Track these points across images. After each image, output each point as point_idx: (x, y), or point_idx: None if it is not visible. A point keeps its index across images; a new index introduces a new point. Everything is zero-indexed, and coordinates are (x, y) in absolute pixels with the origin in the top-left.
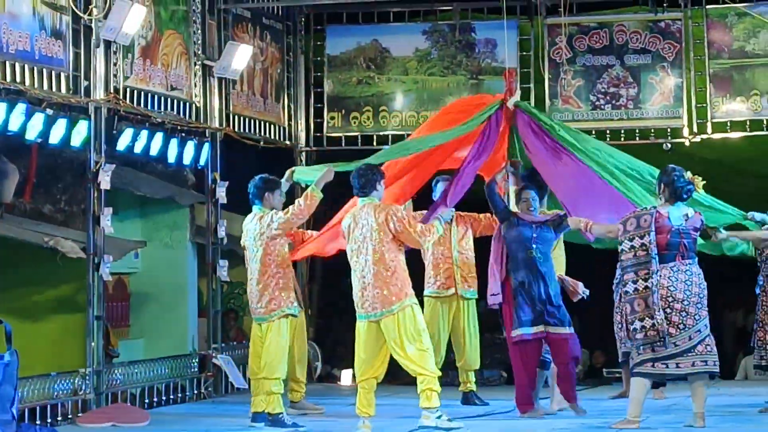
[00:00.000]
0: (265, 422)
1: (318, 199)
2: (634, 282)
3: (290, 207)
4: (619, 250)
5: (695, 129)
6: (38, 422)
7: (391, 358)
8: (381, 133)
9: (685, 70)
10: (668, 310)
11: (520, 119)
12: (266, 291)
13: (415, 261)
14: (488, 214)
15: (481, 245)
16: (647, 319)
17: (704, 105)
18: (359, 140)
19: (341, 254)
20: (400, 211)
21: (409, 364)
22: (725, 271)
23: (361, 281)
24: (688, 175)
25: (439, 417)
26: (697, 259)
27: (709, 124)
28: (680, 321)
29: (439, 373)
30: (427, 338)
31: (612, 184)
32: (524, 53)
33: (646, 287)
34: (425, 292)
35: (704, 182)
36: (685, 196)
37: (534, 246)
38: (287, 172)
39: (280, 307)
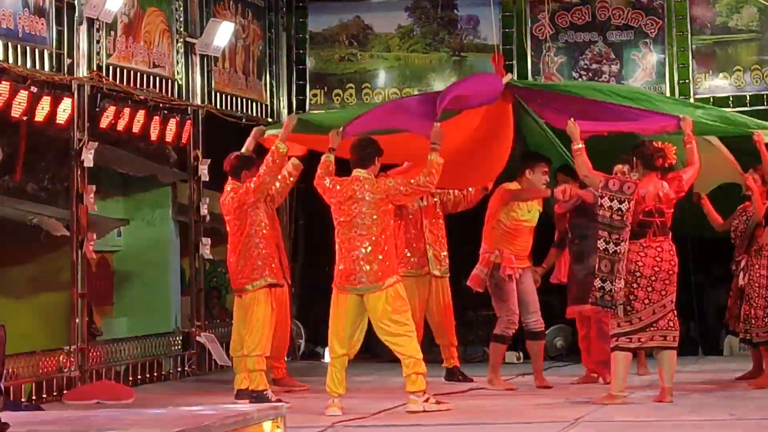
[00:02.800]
0: (250, 399)
1: (283, 152)
2: (606, 242)
3: (261, 168)
4: (598, 204)
5: None
6: (23, 399)
7: (371, 335)
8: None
9: (667, 46)
10: (634, 285)
11: (518, 93)
12: (248, 261)
13: None
14: (456, 192)
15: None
16: (608, 282)
17: (687, 81)
18: None
19: (322, 233)
20: (394, 179)
21: (394, 345)
22: (708, 249)
23: (351, 254)
24: (659, 143)
25: (426, 400)
26: (670, 234)
27: (692, 100)
28: (646, 296)
29: (421, 355)
30: (411, 319)
31: (635, 105)
32: (506, 30)
33: (615, 252)
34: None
35: (675, 148)
36: (656, 165)
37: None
38: (254, 130)
39: (262, 277)
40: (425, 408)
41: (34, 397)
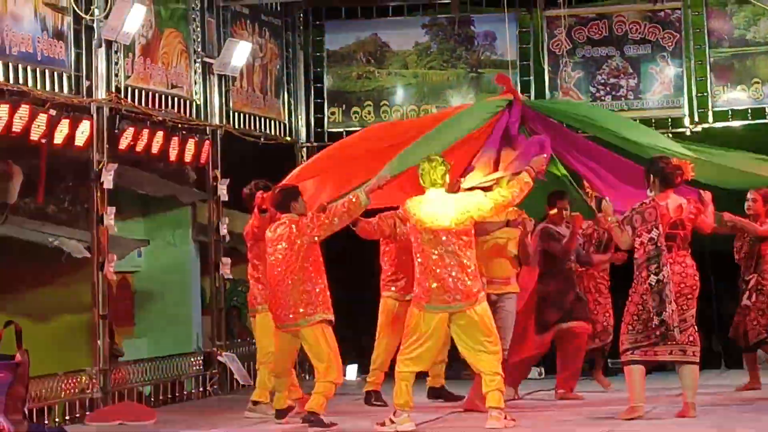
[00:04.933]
0: (308, 421)
1: (365, 205)
2: (647, 278)
3: (333, 212)
4: (636, 245)
5: (696, 118)
6: (46, 422)
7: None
8: None
9: (685, 60)
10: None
11: (529, 116)
12: (304, 296)
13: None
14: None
15: None
16: (663, 313)
17: (705, 94)
18: None
19: (340, 248)
20: (478, 193)
21: (481, 362)
22: (730, 263)
23: (443, 271)
24: (677, 160)
25: (505, 417)
26: (690, 249)
27: (710, 113)
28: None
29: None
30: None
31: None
32: (524, 46)
33: (659, 281)
34: (386, 293)
35: (693, 165)
36: (675, 183)
37: None
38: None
39: (316, 312)
40: (506, 425)
41: (57, 420)
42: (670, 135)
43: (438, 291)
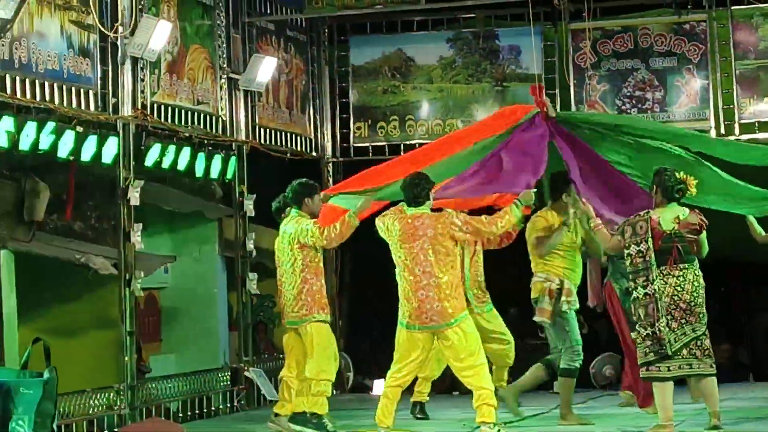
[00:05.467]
0: (308, 424)
1: (354, 227)
2: (634, 290)
3: (327, 228)
4: (625, 256)
5: (722, 131)
6: None
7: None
8: (408, 142)
9: (710, 72)
10: (659, 313)
11: (558, 132)
12: (300, 296)
13: None
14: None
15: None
16: (648, 327)
17: (731, 106)
18: (386, 150)
19: (369, 267)
20: (459, 214)
21: (469, 377)
22: (757, 271)
23: (419, 293)
24: (681, 174)
25: (499, 431)
26: (696, 262)
27: (736, 126)
28: (666, 324)
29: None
30: (483, 351)
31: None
32: (549, 59)
33: (647, 294)
34: None
35: (697, 182)
36: (677, 196)
37: None
38: (365, 200)
39: (311, 313)
40: None
41: None
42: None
43: (417, 311)
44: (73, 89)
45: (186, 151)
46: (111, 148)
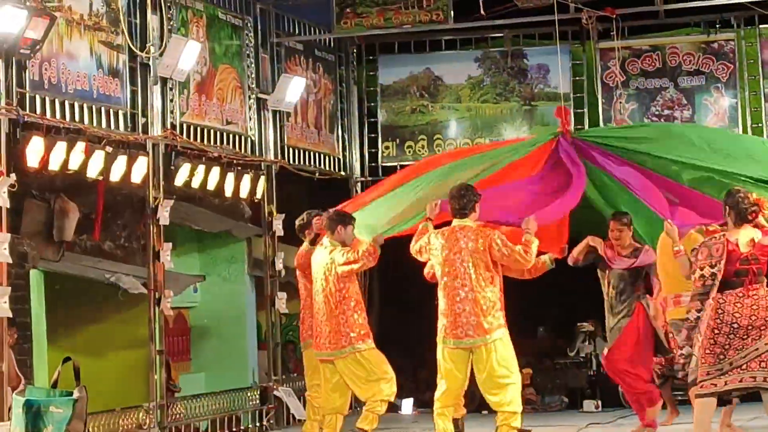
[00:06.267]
0: None
1: (378, 251)
2: (699, 311)
3: (358, 254)
4: (695, 277)
5: None
6: None
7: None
8: None
9: (739, 91)
10: (731, 336)
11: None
12: (339, 327)
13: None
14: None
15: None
16: (712, 346)
17: (760, 125)
18: None
19: (398, 284)
20: (501, 234)
21: (496, 397)
22: None
23: (456, 307)
24: (753, 196)
25: None
26: (766, 281)
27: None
28: (741, 344)
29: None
30: (517, 373)
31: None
32: (577, 78)
33: (698, 318)
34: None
35: None
36: (750, 218)
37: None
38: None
39: (351, 344)
40: None
41: None
42: None
43: (452, 326)
44: (103, 109)
45: (215, 171)
46: (140, 168)
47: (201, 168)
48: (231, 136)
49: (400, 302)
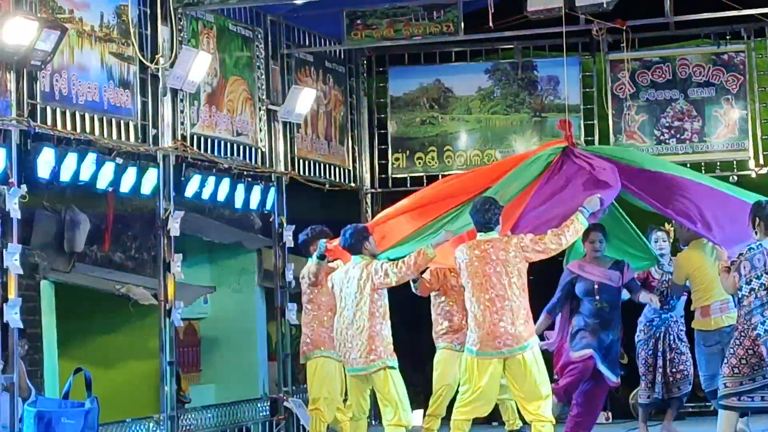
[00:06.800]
0: None
1: (431, 258)
2: (763, 323)
3: (400, 262)
4: (739, 296)
5: (761, 161)
6: None
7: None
8: (446, 173)
9: (749, 102)
10: (763, 348)
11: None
12: (372, 341)
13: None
14: None
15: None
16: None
17: None
18: (424, 181)
19: (403, 295)
20: (526, 235)
21: (530, 407)
22: None
23: (493, 317)
24: None
25: None
26: None
27: None
28: None
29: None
30: (548, 383)
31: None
32: (587, 90)
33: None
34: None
35: None
36: None
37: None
38: (445, 233)
39: (380, 358)
40: None
41: None
42: (735, 178)
43: (488, 336)
44: (113, 121)
45: (225, 182)
46: (151, 179)
47: (211, 179)
48: (241, 147)
49: (410, 313)
